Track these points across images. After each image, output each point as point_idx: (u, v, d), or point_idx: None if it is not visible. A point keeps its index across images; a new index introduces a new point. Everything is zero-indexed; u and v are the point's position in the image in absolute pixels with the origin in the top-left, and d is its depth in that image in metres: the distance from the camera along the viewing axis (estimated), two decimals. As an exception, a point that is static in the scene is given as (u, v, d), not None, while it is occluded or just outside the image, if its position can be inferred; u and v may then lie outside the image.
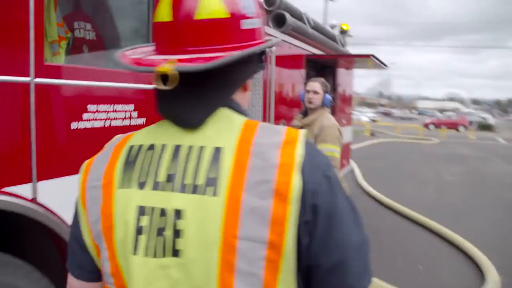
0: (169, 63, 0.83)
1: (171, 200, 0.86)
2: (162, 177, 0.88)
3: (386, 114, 47.26)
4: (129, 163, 0.92)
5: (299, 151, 0.86)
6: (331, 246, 0.87)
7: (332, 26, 8.49)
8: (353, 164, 12.11)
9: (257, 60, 0.99)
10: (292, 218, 0.82)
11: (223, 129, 0.89)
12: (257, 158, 0.85)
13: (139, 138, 0.96)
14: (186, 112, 0.90)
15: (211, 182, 0.85)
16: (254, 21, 0.94)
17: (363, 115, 45.70)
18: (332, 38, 7.27)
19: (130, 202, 0.89)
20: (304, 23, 5.60)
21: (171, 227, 0.85)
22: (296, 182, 0.83)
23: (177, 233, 0.85)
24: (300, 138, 0.89)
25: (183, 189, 0.86)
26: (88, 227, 0.95)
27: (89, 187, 0.95)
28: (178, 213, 0.85)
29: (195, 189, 0.85)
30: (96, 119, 2.38)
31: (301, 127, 3.86)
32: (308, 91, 3.83)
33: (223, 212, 0.83)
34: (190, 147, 0.89)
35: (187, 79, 0.86)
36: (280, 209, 0.82)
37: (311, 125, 3.77)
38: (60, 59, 2.86)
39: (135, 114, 2.65)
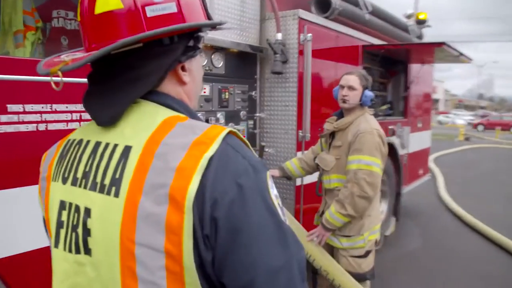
0: (61, 65, 0.85)
1: (83, 197, 0.89)
2: (80, 173, 0.91)
3: (484, 117, 43.02)
4: (61, 157, 0.97)
5: (208, 154, 0.81)
6: (236, 268, 0.81)
7: (408, 16, 7.40)
8: (436, 173, 10.78)
9: (182, 47, 0.94)
10: (187, 228, 0.79)
11: (140, 126, 0.88)
12: (159, 160, 0.82)
13: (76, 132, 1.00)
14: (97, 110, 0.92)
15: (115, 182, 0.85)
16: (163, 6, 0.90)
17: (460, 118, 42.57)
18: (403, 27, 6.25)
19: (56, 195, 0.94)
20: (360, 8, 4.74)
21: (81, 225, 0.88)
22: (192, 189, 0.78)
23: (87, 232, 0.87)
24: (218, 139, 0.83)
25: (93, 187, 0.88)
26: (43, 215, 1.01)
27: (40, 178, 1.02)
28: (88, 212, 0.87)
29: (102, 188, 0.86)
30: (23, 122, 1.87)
31: (333, 133, 3.07)
32: (342, 87, 3.02)
33: (122, 215, 0.82)
34: (107, 145, 0.90)
35: (100, 76, 0.93)
36: (174, 217, 0.79)
37: (345, 130, 2.97)
38: (25, 52, 2.43)
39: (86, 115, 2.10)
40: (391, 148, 5.72)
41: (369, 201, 2.81)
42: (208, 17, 1.03)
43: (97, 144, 0.91)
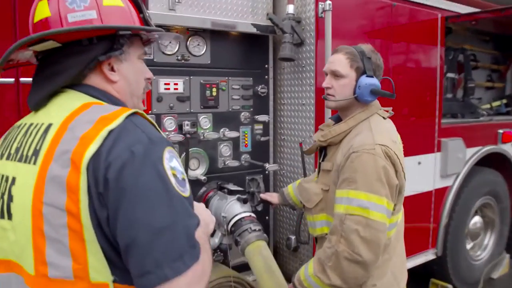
0: None
1: (13, 168, 1.04)
2: (13, 149, 1.08)
3: None
4: (4, 139, 1.16)
5: (110, 127, 0.96)
6: (122, 225, 0.91)
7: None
8: None
9: (101, 47, 1.11)
10: (83, 187, 0.91)
11: (63, 108, 1.06)
12: (70, 131, 0.98)
13: (23, 119, 1.18)
14: (29, 96, 1.13)
15: (35, 152, 1.00)
16: (83, 13, 1.08)
17: None
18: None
19: None
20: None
21: (7, 192, 1.02)
22: (89, 153, 0.92)
23: (11, 198, 1.01)
24: (122, 116, 0.99)
25: (20, 158, 1.03)
26: None
27: None
28: (13, 180, 1.02)
29: (26, 159, 1.01)
30: None
31: (323, 149, 1.99)
32: (326, 74, 1.93)
33: (35, 180, 0.96)
34: (36, 124, 1.07)
35: (37, 70, 1.16)
36: (73, 177, 0.92)
37: (339, 144, 1.87)
38: None
39: None
40: (504, 161, 4.14)
41: (365, 267, 1.67)
42: (149, 25, 1.24)
43: (30, 125, 1.09)
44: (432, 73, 3.48)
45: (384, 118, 1.88)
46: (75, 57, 1.08)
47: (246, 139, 2.82)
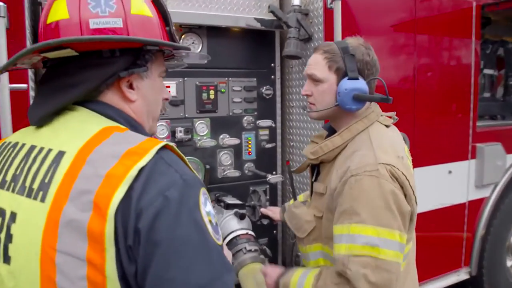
0: None
1: (10, 201, 0.89)
2: (9, 176, 0.92)
3: None
4: None
5: (140, 164, 0.83)
6: (156, 283, 0.80)
7: None
8: None
9: (124, 62, 0.98)
10: (109, 236, 0.79)
11: (76, 132, 0.91)
12: (89, 166, 0.84)
13: (14, 135, 1.04)
14: (31, 109, 0.98)
15: (43, 187, 0.85)
16: (107, 20, 0.95)
17: None
18: None
19: None
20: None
21: (5, 230, 0.87)
22: (118, 197, 0.79)
23: (9, 238, 0.86)
24: (152, 151, 0.86)
25: (21, 191, 0.88)
26: None
27: None
28: (13, 216, 0.87)
29: (30, 193, 0.87)
30: None
31: (316, 166, 1.68)
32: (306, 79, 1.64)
33: (45, 221, 0.82)
34: (41, 149, 0.92)
35: (45, 80, 1.01)
36: (96, 224, 0.79)
37: (333, 162, 1.55)
38: None
39: None
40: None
41: None
42: (174, 40, 1.10)
43: (32, 148, 0.94)
44: (466, 70, 3.08)
45: (386, 126, 1.56)
46: (93, 70, 0.96)
47: (250, 146, 2.56)
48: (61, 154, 0.88)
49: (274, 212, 2.21)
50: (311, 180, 1.69)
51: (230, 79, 2.46)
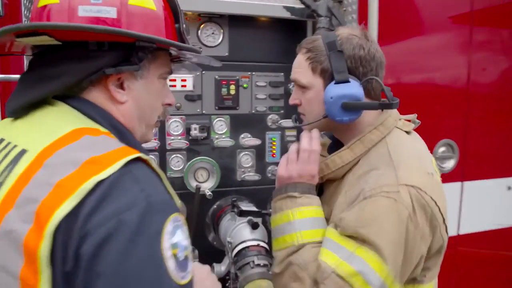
0: None
1: None
2: None
3: None
4: None
5: (98, 177, 0.72)
6: None
7: None
8: None
9: (112, 57, 0.89)
10: (44, 257, 0.69)
11: (47, 130, 0.83)
12: (45, 171, 0.75)
13: None
14: (10, 99, 0.90)
15: None
16: (99, 9, 0.87)
17: None
18: None
19: None
20: None
21: None
22: (62, 211, 0.69)
23: None
24: (118, 162, 0.75)
25: None
26: None
27: None
28: None
29: None
30: None
31: (317, 185, 1.39)
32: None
33: None
34: (8, 143, 0.85)
35: (28, 68, 0.93)
36: (33, 240, 0.69)
37: (338, 182, 1.30)
38: None
39: None
40: None
41: None
42: (183, 40, 1.00)
43: (1, 141, 0.87)
44: None
45: (407, 132, 1.28)
46: (75, 63, 0.88)
47: (274, 147, 2.33)
48: (22, 153, 0.80)
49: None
50: None
51: (253, 73, 2.25)
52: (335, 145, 1.32)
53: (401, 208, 1.08)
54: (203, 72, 2.15)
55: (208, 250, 2.21)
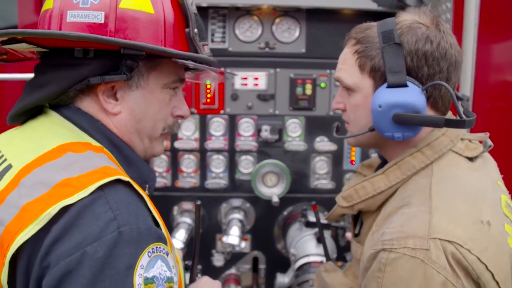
0: None
1: None
2: None
3: None
4: None
5: (66, 201, 0.67)
6: None
7: None
8: None
9: (98, 65, 0.83)
10: (4, 284, 0.65)
11: (34, 144, 0.80)
12: (18, 191, 0.71)
13: (2, 134, 0.92)
14: (14, 105, 0.88)
15: None
16: (87, 14, 0.82)
17: None
18: None
19: None
20: None
21: None
22: (21, 238, 0.64)
23: None
24: (92, 186, 0.69)
25: None
26: None
27: None
28: None
29: None
30: None
31: (357, 215, 1.17)
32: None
33: None
34: (1, 156, 0.82)
35: (34, 72, 0.90)
36: None
37: (374, 217, 1.03)
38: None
39: None
40: None
41: None
42: (194, 46, 0.91)
43: None
44: None
45: (470, 159, 0.99)
46: (61, 70, 0.84)
47: (353, 153, 2.12)
48: (8, 168, 0.77)
49: (361, 240, 1.76)
50: (353, 232, 1.21)
51: (332, 71, 2.06)
52: (383, 167, 1.05)
53: (430, 273, 0.81)
54: (277, 70, 2.03)
55: (275, 258, 2.11)
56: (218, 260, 2.08)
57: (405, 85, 0.94)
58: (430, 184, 0.93)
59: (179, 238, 1.88)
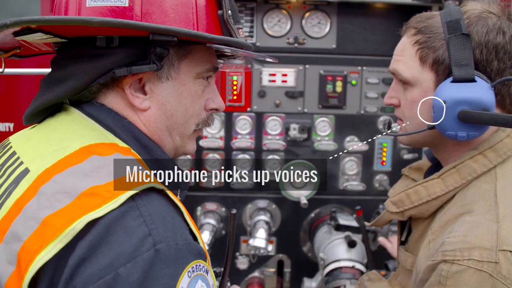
0: None
1: None
2: None
3: None
4: None
5: (93, 214, 0.58)
6: None
7: None
8: None
9: (123, 55, 0.74)
10: None
11: (54, 146, 0.72)
12: (37, 201, 0.63)
13: (17, 134, 0.86)
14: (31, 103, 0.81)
15: None
16: None
17: None
18: None
19: None
20: None
21: None
22: (42, 258, 0.57)
23: None
24: (122, 196, 0.60)
25: None
26: None
27: None
28: None
29: None
30: None
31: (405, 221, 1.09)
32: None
33: None
34: (17, 159, 0.75)
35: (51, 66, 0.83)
36: (13, 285, 0.58)
37: (427, 223, 0.97)
38: None
39: None
40: None
41: None
42: (228, 30, 0.82)
43: (12, 154, 0.77)
44: None
45: None
46: (83, 62, 0.76)
47: (384, 154, 2.03)
48: (25, 172, 0.69)
49: (393, 245, 1.68)
50: (399, 239, 1.13)
51: (364, 68, 1.97)
52: (435, 170, 0.99)
53: (498, 285, 0.75)
54: (307, 66, 1.96)
55: (301, 262, 2.03)
56: (242, 263, 2.01)
57: (473, 80, 0.87)
58: (495, 190, 0.86)
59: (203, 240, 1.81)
